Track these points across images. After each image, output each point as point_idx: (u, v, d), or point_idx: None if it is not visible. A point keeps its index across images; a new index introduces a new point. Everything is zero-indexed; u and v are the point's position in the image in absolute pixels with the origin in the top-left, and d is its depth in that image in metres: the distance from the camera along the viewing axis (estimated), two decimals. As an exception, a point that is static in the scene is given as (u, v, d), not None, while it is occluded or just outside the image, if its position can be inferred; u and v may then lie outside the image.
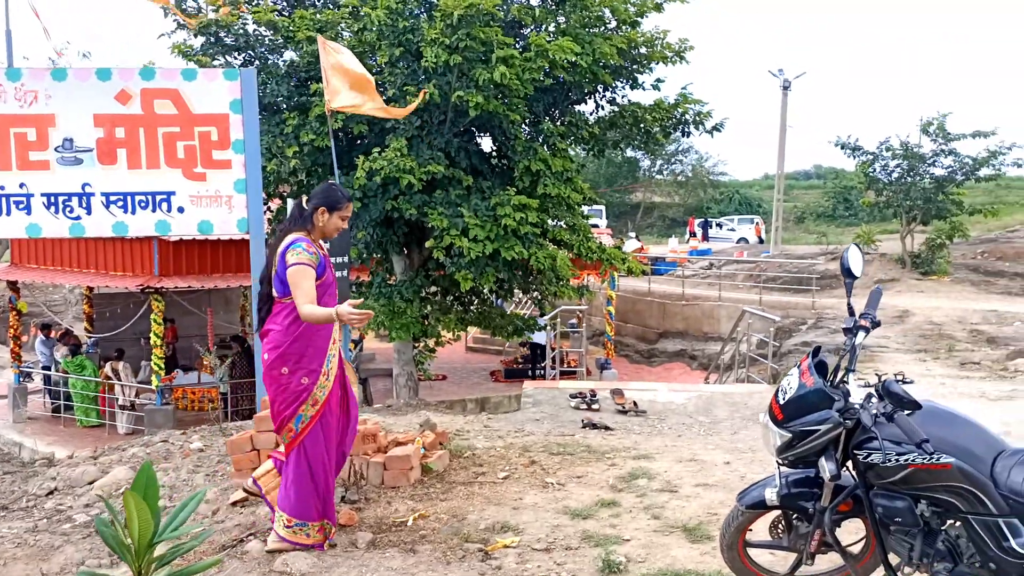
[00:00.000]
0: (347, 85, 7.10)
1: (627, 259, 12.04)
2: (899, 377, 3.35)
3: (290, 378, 4.16)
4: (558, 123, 11.50)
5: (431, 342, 12.33)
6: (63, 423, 15.69)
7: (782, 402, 3.22)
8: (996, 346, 12.59)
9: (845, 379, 3.22)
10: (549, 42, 9.85)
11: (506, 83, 9.33)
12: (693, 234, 40.89)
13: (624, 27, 11.27)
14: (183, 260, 14.78)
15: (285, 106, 10.66)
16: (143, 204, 5.65)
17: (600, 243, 11.76)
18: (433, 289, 12.58)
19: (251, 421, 6.04)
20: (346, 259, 7.25)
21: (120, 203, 5.65)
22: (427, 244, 10.43)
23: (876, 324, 3.38)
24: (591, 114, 12.22)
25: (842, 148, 19.88)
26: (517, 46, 10.37)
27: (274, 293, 4.20)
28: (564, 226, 11.53)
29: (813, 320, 16.47)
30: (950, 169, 19.22)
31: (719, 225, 43.00)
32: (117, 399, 15.30)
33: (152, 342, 14.72)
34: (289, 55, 10.91)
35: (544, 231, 11.10)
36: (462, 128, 10.56)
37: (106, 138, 5.63)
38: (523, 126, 11.18)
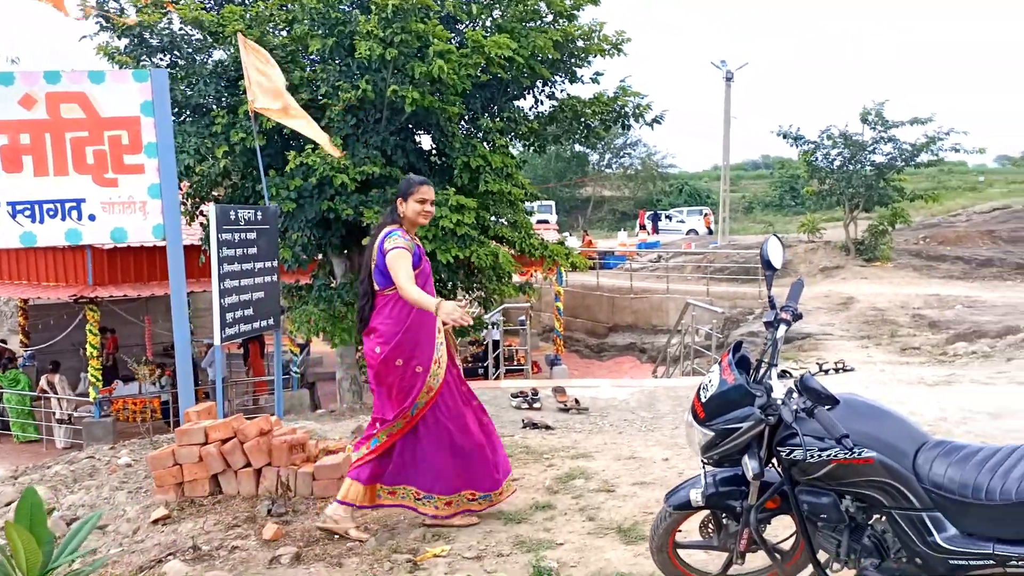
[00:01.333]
0: (271, 92, 6.91)
1: (571, 254, 11.95)
2: (839, 365, 3.31)
3: (404, 369, 4.25)
4: (497, 119, 11.35)
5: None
6: (-1, 439, 15.21)
7: (704, 400, 3.13)
8: (937, 330, 12.79)
9: (768, 374, 3.14)
10: (485, 38, 9.71)
11: (443, 77, 9.16)
12: (643, 227, 41.15)
13: (561, 20, 11.17)
14: (118, 269, 14.38)
15: (215, 106, 10.36)
16: (52, 212, 5.38)
17: (542, 239, 11.65)
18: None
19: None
20: (274, 263, 7.05)
21: (27, 212, 5.37)
22: (364, 242, 10.20)
23: (797, 317, 3.31)
24: (530, 109, 12.11)
25: (784, 137, 20.11)
26: (453, 42, 10.22)
27: (375, 286, 4.28)
28: (506, 223, 11.40)
29: (760, 310, 16.58)
30: (890, 156, 19.54)
31: (668, 217, 43.36)
32: (54, 413, 14.85)
33: (88, 353, 14.30)
34: (218, 54, 10.61)
35: (485, 228, 10.96)
36: (399, 126, 10.36)
37: (10, 145, 5.35)
38: (461, 123, 11.02)
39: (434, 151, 11.29)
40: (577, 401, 7.75)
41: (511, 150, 12.28)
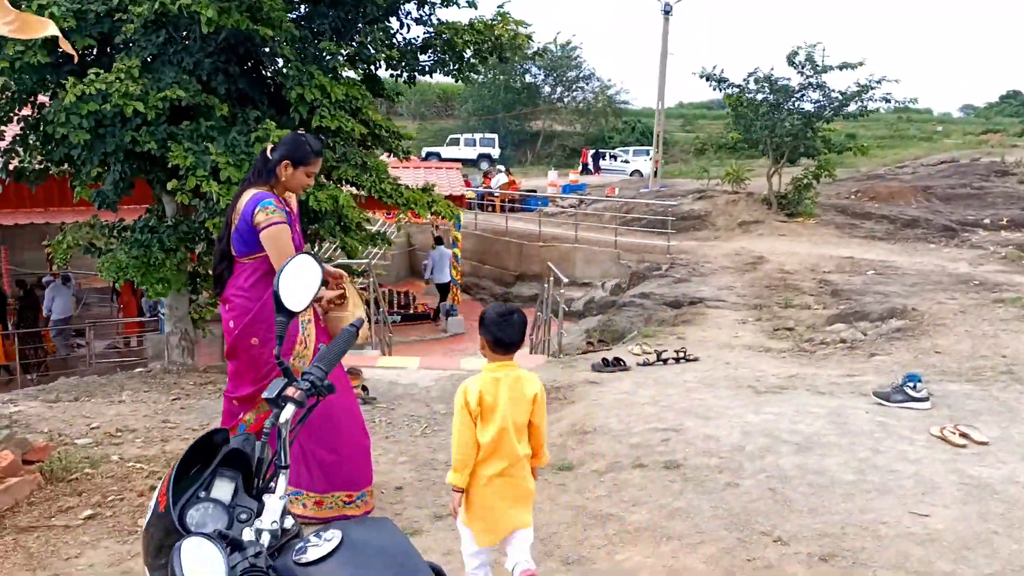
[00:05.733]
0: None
1: (436, 202, 10.58)
2: (681, 354, 2.11)
3: (261, 350, 3.78)
4: (344, 44, 9.79)
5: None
6: None
7: (141, 531, 1.90)
8: (838, 299, 11.75)
9: (276, 479, 1.92)
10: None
11: None
12: (586, 165, 39.69)
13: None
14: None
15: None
16: None
17: (397, 184, 10.24)
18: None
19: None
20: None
21: None
22: (169, 186, 8.77)
23: (323, 391, 2.07)
24: (395, 34, 10.54)
25: (707, 80, 18.64)
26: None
27: (232, 251, 3.83)
28: (356, 165, 9.92)
29: (667, 265, 15.44)
30: (818, 104, 18.18)
31: (613, 157, 41.86)
32: None
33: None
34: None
35: (329, 171, 9.56)
36: (219, 45, 8.80)
37: None
38: (297, 45, 9.47)
39: (269, 78, 9.77)
40: (365, 388, 6.55)
41: (380, 77, 10.86)
